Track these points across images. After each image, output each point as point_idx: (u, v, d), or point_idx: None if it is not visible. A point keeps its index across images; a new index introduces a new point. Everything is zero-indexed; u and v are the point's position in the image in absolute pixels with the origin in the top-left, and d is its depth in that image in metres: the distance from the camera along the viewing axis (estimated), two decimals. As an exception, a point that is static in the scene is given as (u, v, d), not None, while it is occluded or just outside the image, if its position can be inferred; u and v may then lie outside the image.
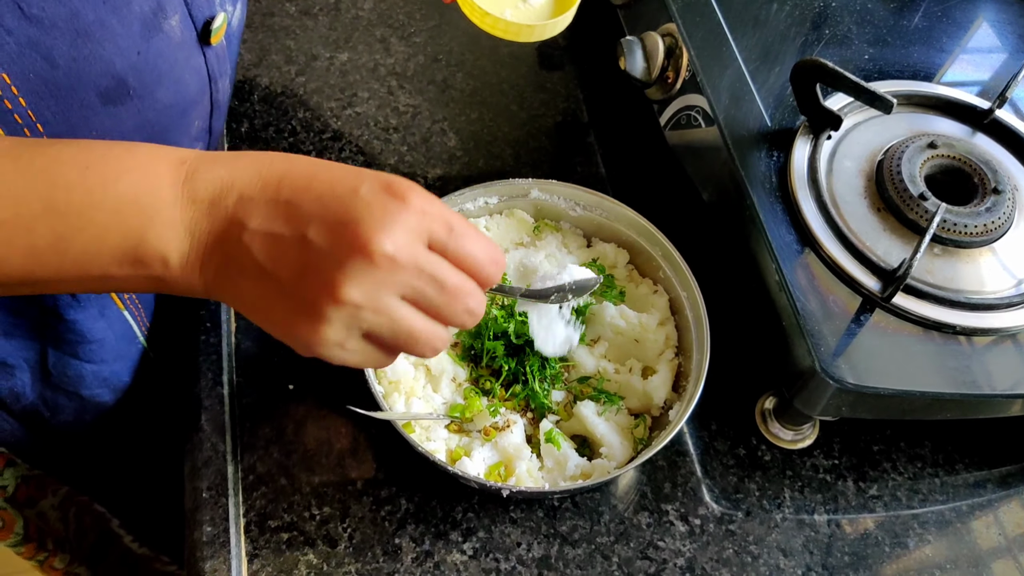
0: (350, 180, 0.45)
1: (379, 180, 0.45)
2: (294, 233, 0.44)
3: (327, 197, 0.44)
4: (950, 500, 0.72)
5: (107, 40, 0.52)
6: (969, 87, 0.82)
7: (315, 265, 0.44)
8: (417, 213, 0.45)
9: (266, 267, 0.44)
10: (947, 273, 0.68)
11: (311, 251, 0.43)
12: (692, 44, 0.79)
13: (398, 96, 0.94)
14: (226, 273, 0.46)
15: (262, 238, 0.44)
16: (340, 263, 0.43)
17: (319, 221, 0.44)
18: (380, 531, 0.67)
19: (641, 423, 0.70)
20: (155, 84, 0.57)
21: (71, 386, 0.74)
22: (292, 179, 0.45)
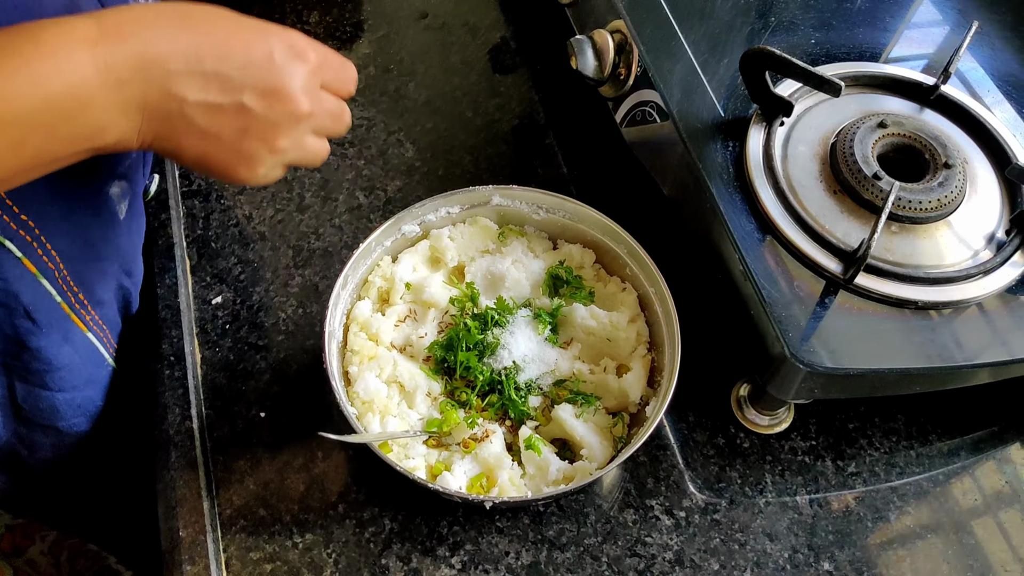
0: (261, 46, 0.53)
1: (283, 43, 0.54)
2: (231, 101, 0.52)
3: (249, 65, 0.52)
4: (927, 470, 0.73)
5: None
6: (914, 63, 0.83)
7: (254, 126, 0.53)
8: (316, 69, 0.55)
9: (209, 131, 0.52)
10: (906, 250, 0.69)
11: (249, 115, 0.53)
12: (641, 40, 0.79)
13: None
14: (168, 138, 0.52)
15: (203, 108, 0.51)
16: (275, 124, 0.54)
17: (250, 89, 0.52)
18: (366, 553, 0.66)
19: (619, 421, 0.70)
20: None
21: (46, 420, 0.72)
22: (210, 47, 0.51)
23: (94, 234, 0.67)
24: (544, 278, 0.76)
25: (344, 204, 0.86)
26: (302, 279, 0.80)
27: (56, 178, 0.57)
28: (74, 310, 0.68)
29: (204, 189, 0.86)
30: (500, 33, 1.03)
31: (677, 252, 0.76)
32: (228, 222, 0.84)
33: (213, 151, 0.54)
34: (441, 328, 0.74)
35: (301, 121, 0.55)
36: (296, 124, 0.55)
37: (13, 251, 0.60)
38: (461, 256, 0.77)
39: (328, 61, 0.58)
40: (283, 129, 0.55)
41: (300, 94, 0.54)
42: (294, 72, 0.54)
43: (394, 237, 0.75)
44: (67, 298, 0.67)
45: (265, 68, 0.53)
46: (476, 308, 0.73)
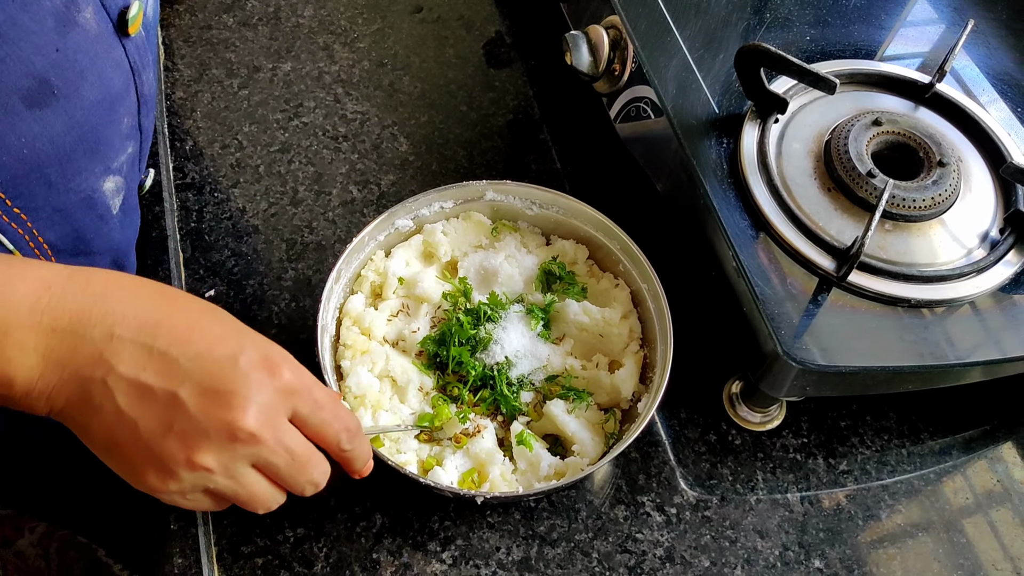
0: (230, 345, 0.45)
1: (258, 351, 0.46)
2: (165, 389, 0.44)
3: (205, 358, 0.45)
4: (918, 468, 0.74)
5: (22, 39, 0.51)
6: (910, 62, 0.83)
7: (180, 426, 0.45)
8: (286, 392, 0.47)
9: (127, 414, 0.44)
10: (899, 248, 0.69)
11: (179, 411, 0.44)
12: (636, 36, 0.79)
13: (345, 104, 0.93)
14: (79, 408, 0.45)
15: (128, 385, 0.44)
16: (205, 431, 0.45)
17: (193, 384, 0.44)
18: (356, 548, 0.66)
19: (611, 417, 0.70)
20: (78, 80, 0.55)
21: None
22: (171, 327, 0.45)
23: (87, 229, 0.66)
24: (537, 274, 0.76)
25: (338, 198, 0.85)
26: (295, 273, 0.80)
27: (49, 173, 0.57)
28: None
29: (198, 182, 0.85)
30: (495, 27, 1.03)
31: (670, 248, 0.76)
32: (222, 215, 0.83)
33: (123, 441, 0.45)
34: (434, 323, 0.73)
35: (239, 442, 0.46)
36: (231, 443, 0.46)
37: (4, 243, 0.59)
38: (454, 251, 0.77)
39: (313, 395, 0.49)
40: (213, 442, 0.45)
41: (250, 409, 0.46)
42: (254, 383, 0.46)
43: (387, 231, 0.75)
44: None
45: (221, 367, 0.45)
46: (469, 303, 0.73)
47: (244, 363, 0.46)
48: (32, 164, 0.56)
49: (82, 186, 0.63)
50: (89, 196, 0.64)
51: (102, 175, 0.65)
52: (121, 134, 0.64)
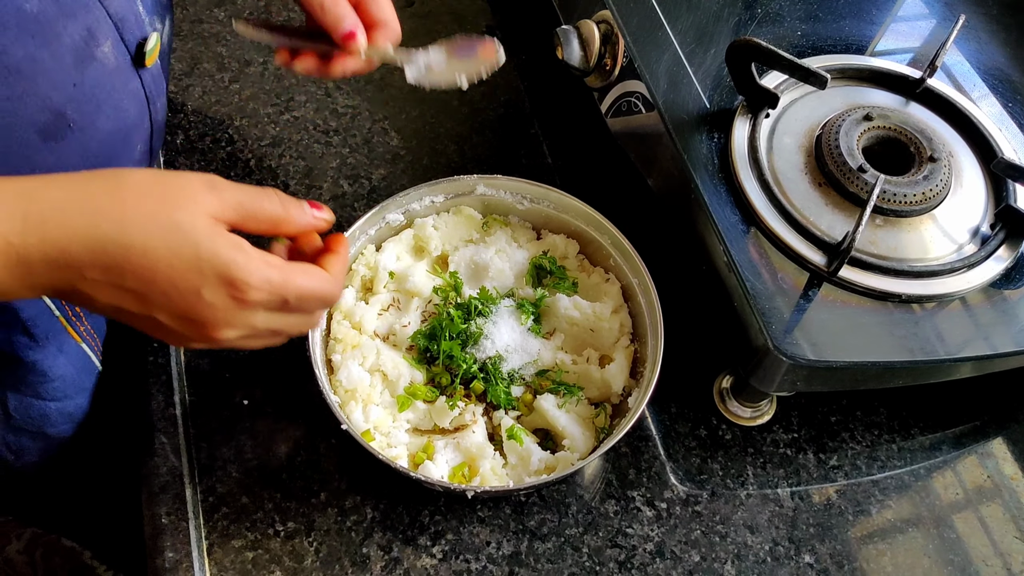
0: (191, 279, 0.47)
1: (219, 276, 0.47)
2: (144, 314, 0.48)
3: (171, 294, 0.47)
4: (908, 464, 0.74)
5: (39, 75, 0.51)
6: (901, 57, 0.83)
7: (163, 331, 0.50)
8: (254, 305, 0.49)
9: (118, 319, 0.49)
10: (890, 243, 0.69)
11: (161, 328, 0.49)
12: (628, 30, 0.79)
13: (336, 98, 0.93)
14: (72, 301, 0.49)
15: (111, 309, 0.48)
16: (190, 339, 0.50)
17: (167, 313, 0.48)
18: (347, 542, 0.66)
19: (602, 412, 0.70)
20: (95, 113, 0.56)
21: (35, 426, 0.72)
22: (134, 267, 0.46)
23: None
24: (527, 268, 0.76)
25: (328, 192, 0.85)
26: (286, 267, 0.80)
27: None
28: (70, 322, 0.67)
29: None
30: (486, 22, 1.02)
31: (661, 243, 0.76)
32: (212, 210, 0.83)
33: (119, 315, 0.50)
34: (424, 317, 0.73)
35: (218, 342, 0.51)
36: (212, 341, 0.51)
37: None
38: (445, 245, 0.76)
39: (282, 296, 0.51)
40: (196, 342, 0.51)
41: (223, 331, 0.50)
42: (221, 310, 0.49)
43: (378, 226, 0.75)
44: (64, 311, 0.66)
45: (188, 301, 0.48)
46: (459, 298, 0.73)
47: (208, 295, 0.48)
48: None
49: None
50: None
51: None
52: (134, 160, 0.64)
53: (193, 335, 0.50)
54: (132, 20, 0.58)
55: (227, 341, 0.51)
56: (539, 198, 0.76)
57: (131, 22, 0.58)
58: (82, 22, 0.53)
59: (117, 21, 0.56)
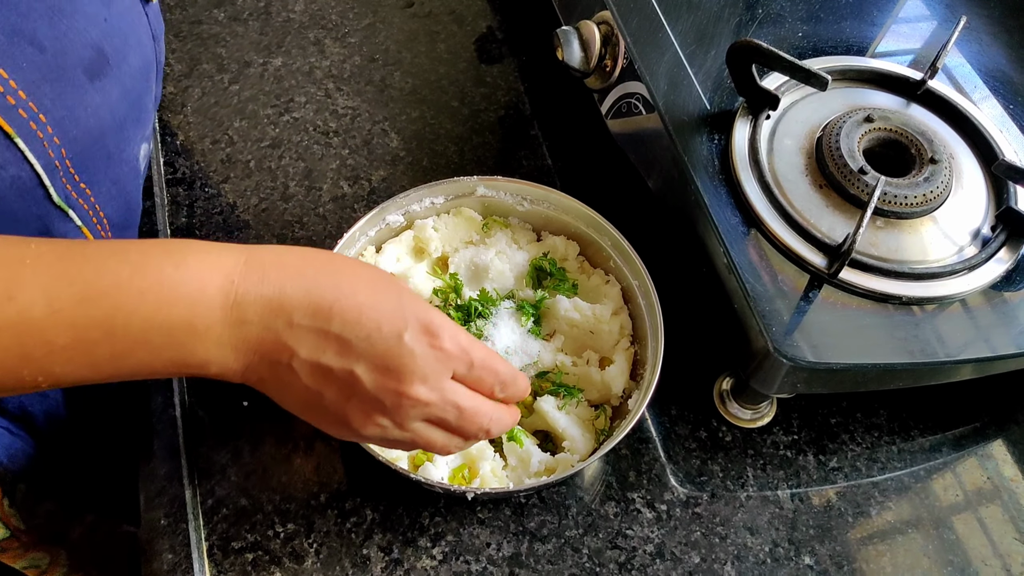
0: (396, 322, 0.50)
1: (420, 323, 0.51)
2: (343, 368, 0.49)
3: (375, 338, 0.49)
4: (908, 466, 0.74)
5: (77, 12, 0.53)
6: (902, 58, 0.83)
7: (358, 397, 0.50)
8: (446, 357, 0.52)
9: (312, 388, 0.50)
10: (891, 245, 0.69)
11: (356, 386, 0.50)
12: (628, 31, 0.79)
13: (336, 99, 0.93)
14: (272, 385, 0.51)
15: (312, 367, 0.49)
16: (380, 401, 0.51)
17: (367, 362, 0.50)
18: (347, 543, 0.66)
19: (602, 414, 0.70)
20: (124, 48, 0.57)
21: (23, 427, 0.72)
22: (342, 309, 0.49)
23: (132, 199, 0.67)
24: (528, 270, 0.75)
25: (328, 193, 0.85)
26: (285, 269, 0.80)
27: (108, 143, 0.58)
28: None
29: (188, 177, 0.85)
30: (486, 23, 1.02)
31: (661, 245, 0.76)
32: (212, 210, 0.83)
33: (313, 408, 0.52)
34: (424, 319, 0.73)
35: (409, 408, 0.52)
36: (403, 407, 0.51)
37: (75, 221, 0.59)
38: (445, 247, 0.76)
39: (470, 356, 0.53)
40: (387, 408, 0.51)
41: (417, 380, 0.51)
42: (419, 356, 0.51)
43: (378, 227, 0.75)
44: None
45: (389, 345, 0.50)
46: (459, 299, 0.73)
47: (408, 339, 0.50)
48: (96, 135, 0.57)
49: (130, 155, 0.64)
50: (134, 165, 0.66)
51: (140, 141, 0.65)
52: (154, 100, 0.66)
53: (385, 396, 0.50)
54: None
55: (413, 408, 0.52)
56: (539, 199, 0.76)
57: None
58: None
59: None
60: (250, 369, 0.49)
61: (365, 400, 0.51)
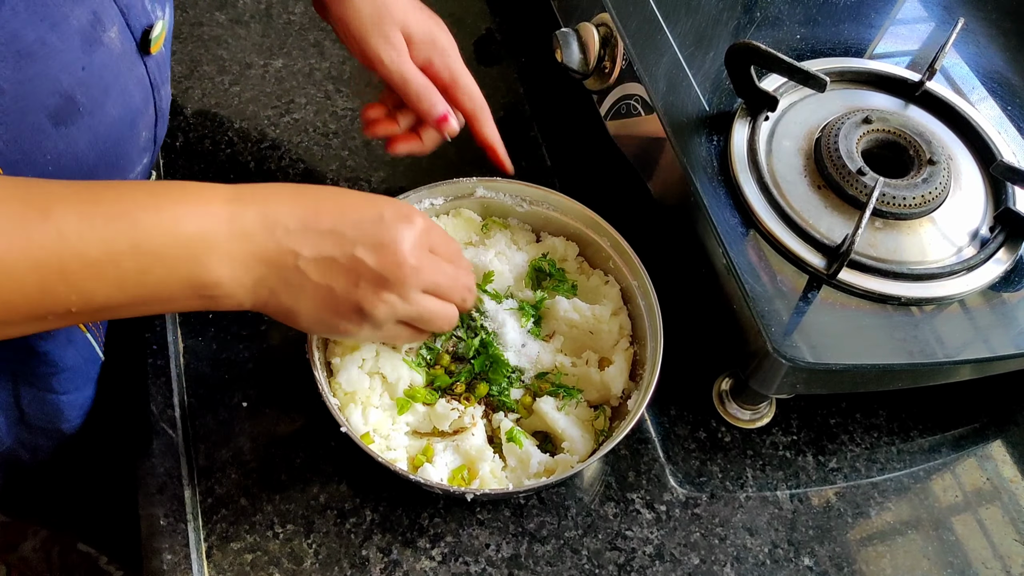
0: (373, 207, 0.57)
1: (391, 207, 0.58)
2: (344, 253, 0.55)
3: (362, 224, 0.56)
4: (907, 466, 0.74)
5: (50, 58, 0.52)
6: (900, 60, 0.83)
7: (364, 277, 0.56)
8: (422, 231, 0.58)
9: (321, 284, 0.55)
10: (889, 246, 0.69)
11: (360, 266, 0.55)
12: (627, 33, 0.79)
13: (336, 100, 0.93)
14: (284, 293, 0.55)
15: (316, 262, 0.54)
16: (382, 275, 0.56)
17: (363, 244, 0.55)
18: (346, 544, 0.66)
19: (601, 414, 0.70)
20: (102, 98, 0.58)
21: (49, 422, 0.72)
22: (325, 210, 0.55)
23: None
24: (527, 271, 0.76)
25: (328, 195, 0.85)
26: (285, 270, 0.80)
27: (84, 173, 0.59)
28: None
29: (189, 177, 0.85)
30: (485, 24, 1.02)
31: (660, 246, 0.76)
32: (211, 212, 0.83)
33: (325, 305, 0.56)
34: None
35: (410, 275, 0.57)
36: (405, 277, 0.57)
37: None
38: None
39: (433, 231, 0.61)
40: (392, 281, 0.57)
41: (408, 250, 0.57)
42: (403, 230, 0.57)
43: None
44: None
45: (376, 225, 0.56)
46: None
47: (388, 217, 0.57)
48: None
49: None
50: None
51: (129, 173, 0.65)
52: (139, 148, 0.65)
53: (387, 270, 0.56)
54: (138, 7, 0.59)
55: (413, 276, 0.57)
56: (538, 200, 0.77)
57: (137, 9, 0.59)
58: (88, 6, 0.55)
59: (123, 7, 0.58)
60: (260, 283, 0.54)
61: (371, 279, 0.56)
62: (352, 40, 0.72)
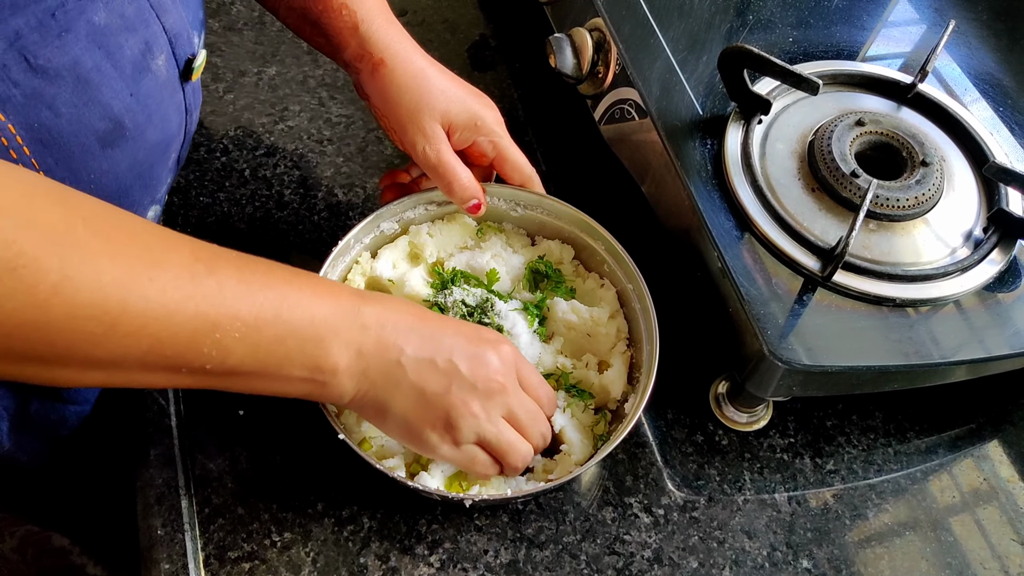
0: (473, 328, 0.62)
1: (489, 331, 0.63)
2: (444, 358, 0.59)
3: (461, 334, 0.60)
4: (905, 467, 0.74)
5: (104, 84, 0.54)
6: (892, 62, 0.84)
7: (457, 384, 0.59)
8: (515, 358, 0.62)
9: (416, 384, 0.58)
10: (884, 247, 0.69)
11: (455, 374, 0.59)
12: (620, 38, 0.79)
13: (330, 107, 0.93)
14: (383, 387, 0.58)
15: (417, 361, 0.58)
16: (473, 386, 0.59)
17: (459, 352, 0.59)
18: (344, 552, 0.66)
19: (602, 419, 0.70)
20: (146, 123, 0.59)
21: (52, 430, 0.72)
22: (433, 319, 0.60)
23: None
24: (524, 273, 0.76)
25: (323, 201, 0.85)
26: (281, 277, 0.80)
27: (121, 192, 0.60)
28: None
29: (183, 186, 0.85)
30: (479, 31, 1.03)
31: (656, 250, 0.76)
32: (207, 219, 0.83)
33: (415, 406, 0.58)
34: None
35: (496, 391, 0.60)
36: (492, 392, 0.60)
37: None
38: (440, 252, 0.77)
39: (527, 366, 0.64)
40: (481, 392, 0.59)
41: (498, 367, 0.60)
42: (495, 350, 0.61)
43: (373, 234, 0.75)
44: None
45: (473, 340, 0.60)
46: (467, 292, 0.73)
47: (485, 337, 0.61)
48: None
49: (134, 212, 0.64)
50: None
51: (148, 206, 0.67)
52: (168, 168, 0.67)
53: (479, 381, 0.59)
54: (184, 37, 0.61)
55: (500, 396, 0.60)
56: (533, 205, 0.77)
57: (183, 38, 0.61)
58: (141, 36, 0.56)
59: (172, 37, 0.59)
60: (364, 375, 0.57)
61: (463, 387, 0.59)
62: (390, 130, 0.73)
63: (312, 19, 0.71)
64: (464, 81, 0.74)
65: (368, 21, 0.70)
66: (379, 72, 0.70)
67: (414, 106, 0.70)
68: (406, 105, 0.70)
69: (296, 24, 0.73)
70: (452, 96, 0.71)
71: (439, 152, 0.70)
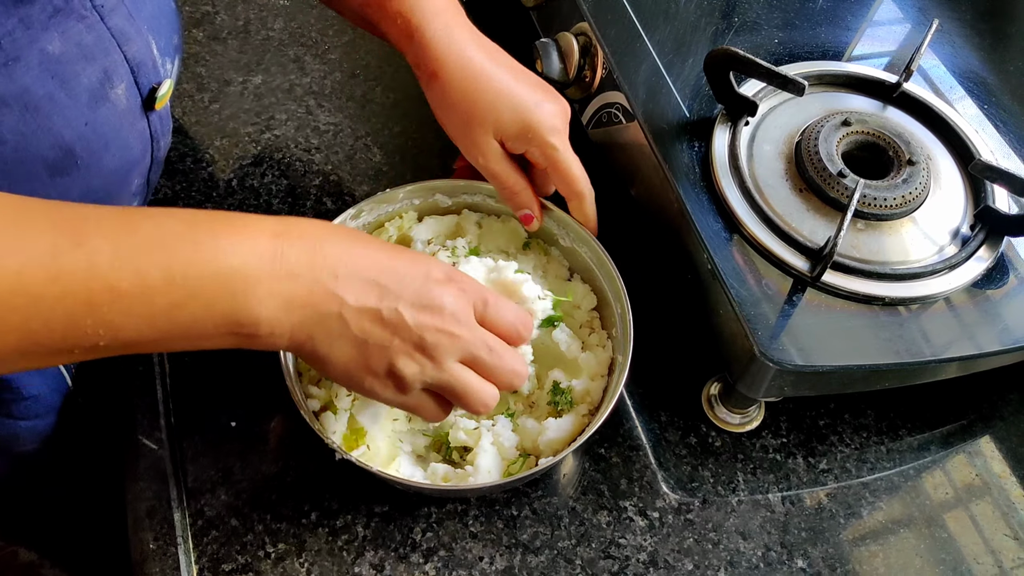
0: (419, 267, 0.56)
1: (438, 267, 0.57)
2: (388, 307, 0.54)
3: (407, 280, 0.55)
4: (897, 465, 0.74)
5: (55, 113, 0.52)
6: (877, 62, 0.84)
7: (401, 336, 0.54)
8: (466, 294, 0.57)
9: (359, 336, 0.54)
10: (872, 247, 0.70)
11: (400, 324, 0.54)
12: (606, 42, 0.79)
13: (317, 115, 0.93)
14: (322, 340, 0.53)
15: (359, 312, 0.53)
16: (422, 338, 0.55)
17: (405, 301, 0.54)
18: (339, 562, 0.65)
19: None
20: (102, 152, 0.57)
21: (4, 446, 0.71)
22: (372, 261, 0.55)
23: None
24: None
25: (311, 210, 0.85)
26: (270, 287, 0.79)
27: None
28: None
29: (171, 198, 0.85)
30: (467, 36, 1.02)
31: (646, 252, 0.76)
32: (195, 230, 0.83)
33: (358, 358, 0.55)
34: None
35: (444, 341, 0.56)
36: (439, 342, 0.55)
37: None
38: (480, 245, 0.76)
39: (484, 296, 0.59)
40: (427, 344, 0.55)
41: (448, 313, 0.56)
42: (445, 293, 0.56)
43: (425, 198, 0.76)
44: None
45: (419, 284, 0.55)
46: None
47: (434, 277, 0.56)
48: None
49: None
50: None
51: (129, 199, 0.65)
52: (130, 193, 0.65)
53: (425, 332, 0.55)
54: (149, 65, 0.59)
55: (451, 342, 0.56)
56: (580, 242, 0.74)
57: (147, 67, 0.59)
58: (100, 64, 0.55)
59: (134, 66, 0.58)
60: (300, 327, 0.52)
61: (407, 338, 0.55)
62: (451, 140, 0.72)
63: (372, 24, 0.70)
64: (527, 73, 0.71)
65: (423, 29, 0.67)
66: (433, 85, 0.68)
67: (465, 120, 0.68)
68: (457, 119, 0.69)
69: (364, 28, 0.73)
70: (504, 104, 0.68)
71: (491, 163, 0.69)
